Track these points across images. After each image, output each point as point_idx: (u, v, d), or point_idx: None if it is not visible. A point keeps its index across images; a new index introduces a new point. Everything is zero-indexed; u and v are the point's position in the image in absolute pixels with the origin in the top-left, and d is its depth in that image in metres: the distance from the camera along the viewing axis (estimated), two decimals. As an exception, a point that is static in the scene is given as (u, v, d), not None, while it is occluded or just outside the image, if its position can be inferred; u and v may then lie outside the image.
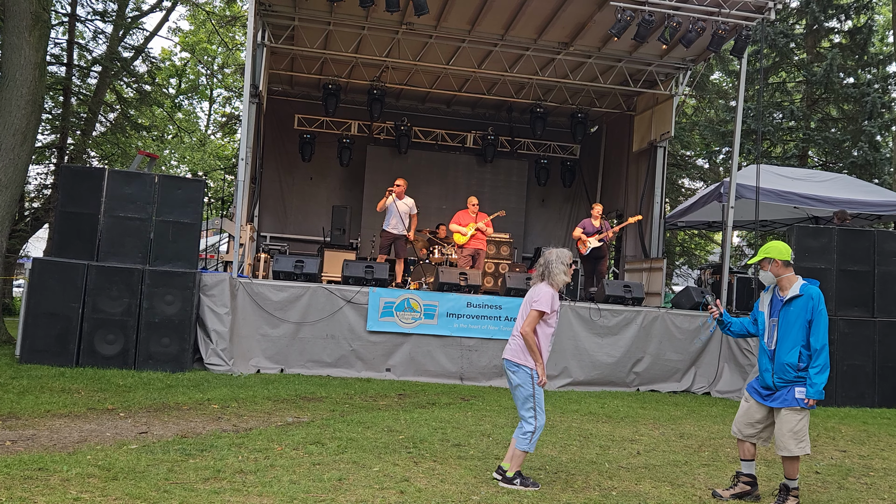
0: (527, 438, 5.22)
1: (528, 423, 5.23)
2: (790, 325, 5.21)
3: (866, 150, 18.34)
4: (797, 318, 5.18)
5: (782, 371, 5.21)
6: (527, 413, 5.25)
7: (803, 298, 5.19)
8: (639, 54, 13.43)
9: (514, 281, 11.26)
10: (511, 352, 5.37)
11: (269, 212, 16.34)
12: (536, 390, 5.26)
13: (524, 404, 5.27)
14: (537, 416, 5.23)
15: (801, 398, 5.12)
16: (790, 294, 5.25)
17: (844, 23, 20.42)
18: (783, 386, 5.21)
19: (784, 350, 5.21)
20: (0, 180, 10.76)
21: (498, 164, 17.13)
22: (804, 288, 5.23)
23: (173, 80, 31.19)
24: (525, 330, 5.26)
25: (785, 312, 5.25)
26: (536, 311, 5.26)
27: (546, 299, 5.27)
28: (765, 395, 5.34)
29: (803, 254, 10.90)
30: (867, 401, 10.64)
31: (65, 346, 9.22)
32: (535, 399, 5.25)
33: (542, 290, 5.33)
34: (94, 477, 4.79)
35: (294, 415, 7.37)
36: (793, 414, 5.16)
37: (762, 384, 5.38)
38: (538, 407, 5.25)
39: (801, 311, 5.18)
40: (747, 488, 5.39)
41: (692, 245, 28.43)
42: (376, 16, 12.35)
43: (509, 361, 5.36)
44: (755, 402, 5.40)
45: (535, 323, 5.27)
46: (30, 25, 11.01)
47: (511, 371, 5.34)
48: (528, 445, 5.22)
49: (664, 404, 9.85)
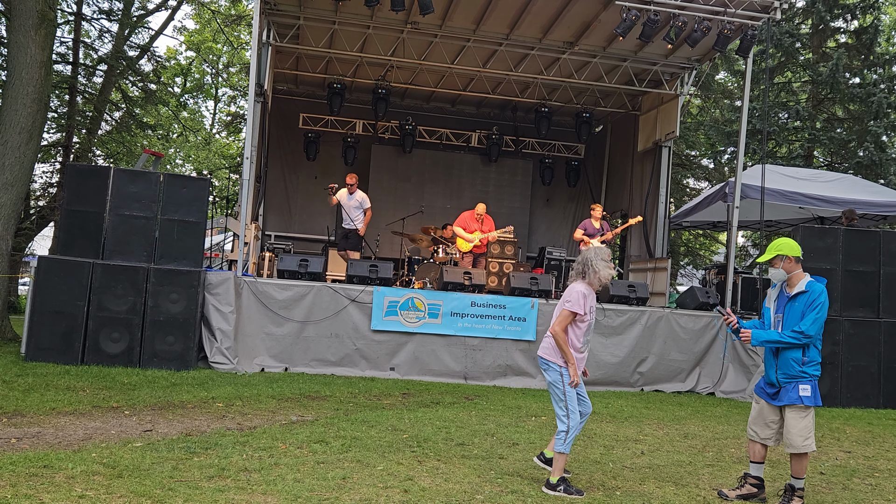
0: (561, 439, 5.18)
1: (562, 422, 5.20)
2: (794, 320, 5.25)
3: (872, 151, 18.26)
4: (799, 313, 5.23)
5: (786, 366, 5.24)
6: (560, 411, 5.23)
7: (807, 294, 5.24)
8: (644, 54, 13.41)
9: (519, 281, 11.26)
10: (544, 349, 5.36)
11: (273, 211, 16.35)
12: (567, 389, 5.21)
13: (557, 402, 5.26)
14: (570, 416, 5.18)
15: (805, 395, 5.15)
16: (797, 290, 5.28)
17: (850, 23, 20.33)
18: (787, 382, 5.24)
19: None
20: (6, 178, 10.79)
21: (503, 163, 17.12)
22: (810, 285, 5.27)
23: (178, 78, 31.29)
24: (555, 329, 5.23)
25: (790, 308, 5.29)
26: (568, 311, 5.23)
27: (578, 300, 5.23)
28: (771, 393, 5.37)
29: (809, 254, 10.85)
30: (872, 401, 10.61)
31: (70, 344, 9.24)
32: (566, 398, 5.20)
33: (575, 290, 5.28)
34: (99, 474, 4.80)
35: (298, 413, 7.38)
36: (797, 411, 5.19)
37: (767, 381, 5.41)
38: (570, 406, 5.20)
39: (804, 306, 5.23)
40: (754, 490, 5.39)
41: (697, 245, 28.37)
42: (381, 15, 12.36)
43: (542, 359, 5.35)
44: (766, 404, 5.42)
45: (565, 323, 5.23)
46: (36, 24, 11.03)
47: (543, 368, 5.35)
48: (563, 446, 5.17)
49: (668, 404, 9.83)
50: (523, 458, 6.11)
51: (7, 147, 10.82)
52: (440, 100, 17.08)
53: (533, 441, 6.81)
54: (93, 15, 19.77)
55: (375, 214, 16.22)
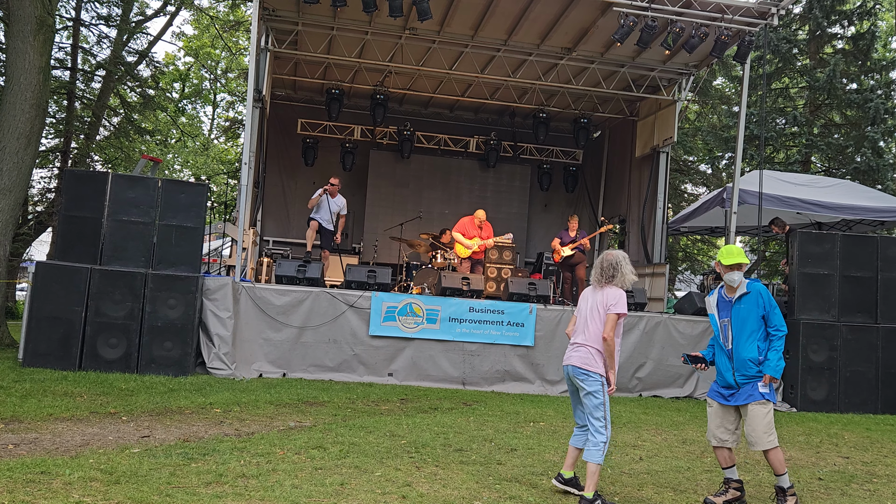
0: (599, 450, 5.01)
1: (601, 433, 5.05)
2: (743, 321, 5.37)
3: (869, 156, 18.31)
4: (749, 314, 5.36)
5: (743, 367, 5.33)
6: (598, 422, 5.07)
7: (752, 295, 5.39)
8: (642, 60, 13.44)
9: (517, 286, 11.26)
10: (580, 359, 5.20)
11: (271, 216, 16.35)
12: (607, 398, 5.12)
13: (595, 412, 5.10)
14: (607, 426, 5.08)
15: (765, 391, 5.25)
16: (739, 292, 5.42)
17: (847, 29, 20.41)
18: (745, 382, 5.33)
19: (742, 346, 5.35)
20: (4, 184, 10.79)
21: (501, 169, 17.14)
22: (750, 286, 5.43)
23: (177, 84, 31.31)
24: (609, 335, 5.11)
25: (736, 310, 5.41)
26: (616, 314, 5.14)
27: (622, 301, 5.17)
28: (727, 395, 5.43)
29: (806, 260, 10.89)
30: (870, 407, 10.62)
31: (67, 349, 9.23)
32: (605, 408, 5.09)
33: (615, 293, 5.20)
34: (97, 481, 4.79)
35: (296, 419, 7.37)
36: (759, 407, 5.26)
37: (723, 384, 5.47)
38: (608, 416, 5.10)
39: (752, 306, 5.36)
40: (738, 494, 5.40)
41: (695, 251, 28.39)
42: (380, 21, 12.39)
43: (578, 369, 5.18)
44: (719, 405, 5.48)
45: (615, 327, 5.15)
46: (34, 30, 11.05)
47: (580, 378, 5.17)
48: (599, 457, 5.01)
49: (667, 410, 9.83)
50: (521, 464, 6.11)
51: (5, 152, 10.82)
52: (438, 105, 17.10)
53: (531, 447, 6.81)
54: (91, 20, 19.93)
55: (374, 220, 16.29)
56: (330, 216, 12.42)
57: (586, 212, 17.12)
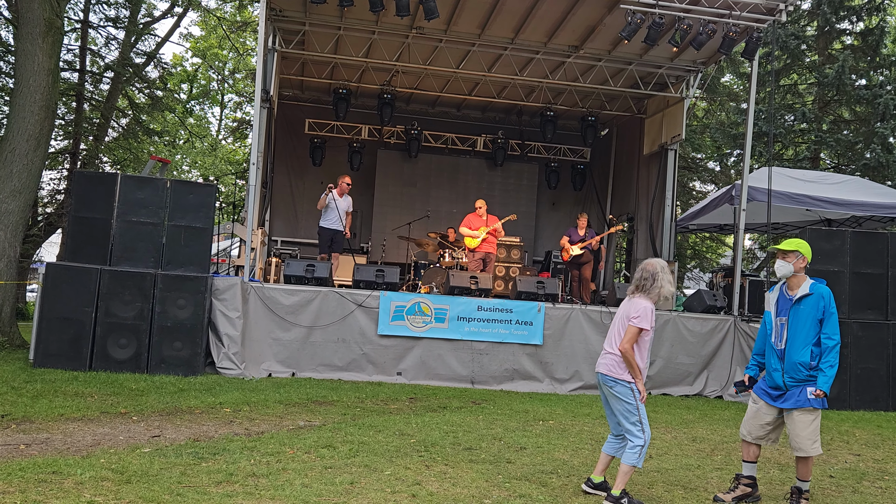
0: (636, 453, 5.02)
1: (637, 436, 5.04)
2: (801, 323, 5.20)
3: (879, 152, 18.19)
4: (808, 317, 5.19)
5: (794, 370, 5.19)
6: (633, 427, 5.06)
7: (814, 297, 5.20)
8: (649, 57, 13.40)
9: (525, 285, 11.25)
10: (606, 366, 5.19)
11: (280, 216, 16.38)
12: (639, 404, 5.09)
13: (628, 418, 5.09)
14: (644, 430, 5.06)
15: (812, 398, 5.11)
16: (800, 293, 5.23)
17: (856, 24, 20.28)
18: (795, 386, 5.19)
19: (795, 349, 5.20)
20: (14, 185, 10.85)
21: (508, 167, 17.12)
22: (814, 287, 5.24)
23: (185, 85, 31.42)
24: (625, 347, 5.06)
25: (795, 311, 5.24)
26: (637, 328, 5.06)
27: (647, 315, 5.08)
28: (775, 395, 5.30)
29: (816, 256, 10.82)
30: (881, 404, 10.55)
31: (78, 350, 9.27)
32: (639, 412, 5.07)
33: (641, 305, 5.11)
34: (108, 480, 4.81)
35: (306, 418, 7.39)
36: (806, 414, 5.15)
37: (771, 384, 5.34)
38: (643, 419, 5.08)
39: (811, 309, 5.18)
40: (748, 490, 5.36)
41: (704, 248, 28.31)
42: (386, 20, 12.38)
43: (605, 376, 5.17)
44: (765, 404, 5.36)
45: (634, 340, 5.07)
46: (43, 32, 11.10)
47: (609, 385, 5.17)
48: (637, 460, 5.01)
49: (676, 408, 9.80)
50: (531, 462, 6.10)
51: (15, 154, 10.87)
52: (445, 104, 17.09)
53: (540, 445, 6.80)
54: (99, 22, 19.96)
55: (381, 219, 16.29)
56: (338, 215, 12.39)
57: (594, 210, 17.08)
